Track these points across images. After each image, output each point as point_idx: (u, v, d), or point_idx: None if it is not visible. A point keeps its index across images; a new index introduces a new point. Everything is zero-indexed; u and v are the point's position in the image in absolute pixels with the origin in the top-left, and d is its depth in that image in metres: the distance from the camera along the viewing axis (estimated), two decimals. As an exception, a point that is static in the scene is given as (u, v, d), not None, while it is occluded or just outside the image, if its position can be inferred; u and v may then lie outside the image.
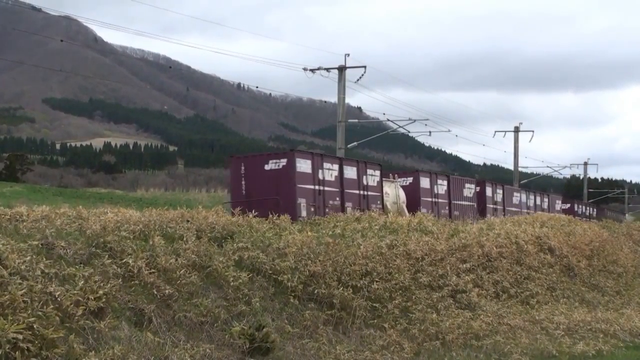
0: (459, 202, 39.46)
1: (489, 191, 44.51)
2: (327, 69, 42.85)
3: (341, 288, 16.65)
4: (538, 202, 55.91)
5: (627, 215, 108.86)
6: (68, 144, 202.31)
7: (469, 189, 41.28)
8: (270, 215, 21.09)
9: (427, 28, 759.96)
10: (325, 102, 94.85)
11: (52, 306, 10.40)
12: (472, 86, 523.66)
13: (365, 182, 29.98)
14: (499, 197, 46.46)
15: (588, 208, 75.76)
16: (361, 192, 29.69)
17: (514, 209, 48.54)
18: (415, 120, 47.96)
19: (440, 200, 37.28)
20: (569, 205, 65.67)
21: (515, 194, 50.86)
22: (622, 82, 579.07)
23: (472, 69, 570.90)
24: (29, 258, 11.33)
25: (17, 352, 9.26)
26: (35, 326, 9.72)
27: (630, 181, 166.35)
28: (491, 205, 44.45)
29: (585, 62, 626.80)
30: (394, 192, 33.43)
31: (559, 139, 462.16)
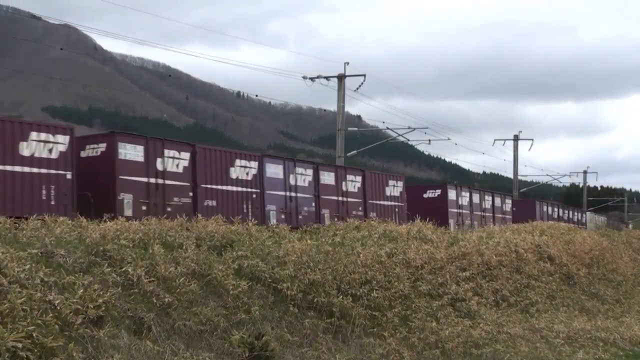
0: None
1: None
2: (327, 78, 43.00)
3: (341, 296, 16.64)
4: (328, 180, 31.00)
5: (587, 214, 79.57)
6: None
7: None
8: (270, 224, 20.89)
9: (428, 36, 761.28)
10: (325, 110, 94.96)
11: (51, 315, 10.39)
12: (473, 94, 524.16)
13: None
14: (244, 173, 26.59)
15: (491, 198, 46.42)
16: None
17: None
18: (414, 129, 48.08)
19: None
20: (438, 191, 40.47)
21: (270, 166, 28.41)
22: (622, 91, 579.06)
23: (472, 78, 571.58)
24: (28, 266, 11.32)
25: (16, 361, 9.25)
26: (34, 335, 9.72)
27: (630, 189, 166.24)
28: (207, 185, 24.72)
29: (586, 70, 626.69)
30: None
31: (560, 148, 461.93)
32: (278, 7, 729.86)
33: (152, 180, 23.14)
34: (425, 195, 40.10)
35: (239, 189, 26.33)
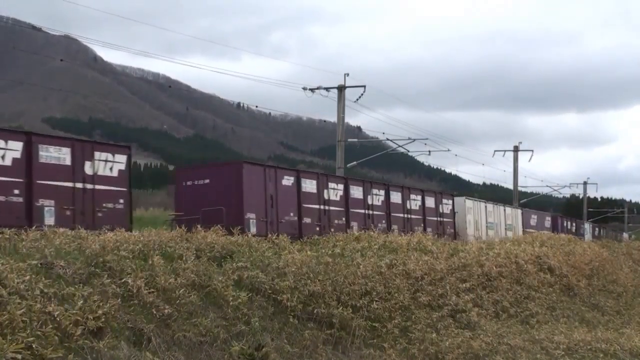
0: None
1: None
2: (327, 89, 42.96)
3: (340, 307, 16.62)
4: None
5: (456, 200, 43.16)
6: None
7: None
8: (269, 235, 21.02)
9: (430, 47, 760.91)
10: (325, 121, 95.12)
11: (51, 326, 10.38)
12: (474, 105, 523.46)
13: None
14: None
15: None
16: None
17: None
18: (414, 140, 47.95)
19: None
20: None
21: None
22: (625, 101, 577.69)
23: (474, 88, 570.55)
24: (28, 277, 11.31)
25: (15, 372, 9.24)
26: (34, 346, 9.71)
27: (630, 200, 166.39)
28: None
29: (589, 81, 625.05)
30: None
31: (561, 159, 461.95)
32: (280, 18, 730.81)
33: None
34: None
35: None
